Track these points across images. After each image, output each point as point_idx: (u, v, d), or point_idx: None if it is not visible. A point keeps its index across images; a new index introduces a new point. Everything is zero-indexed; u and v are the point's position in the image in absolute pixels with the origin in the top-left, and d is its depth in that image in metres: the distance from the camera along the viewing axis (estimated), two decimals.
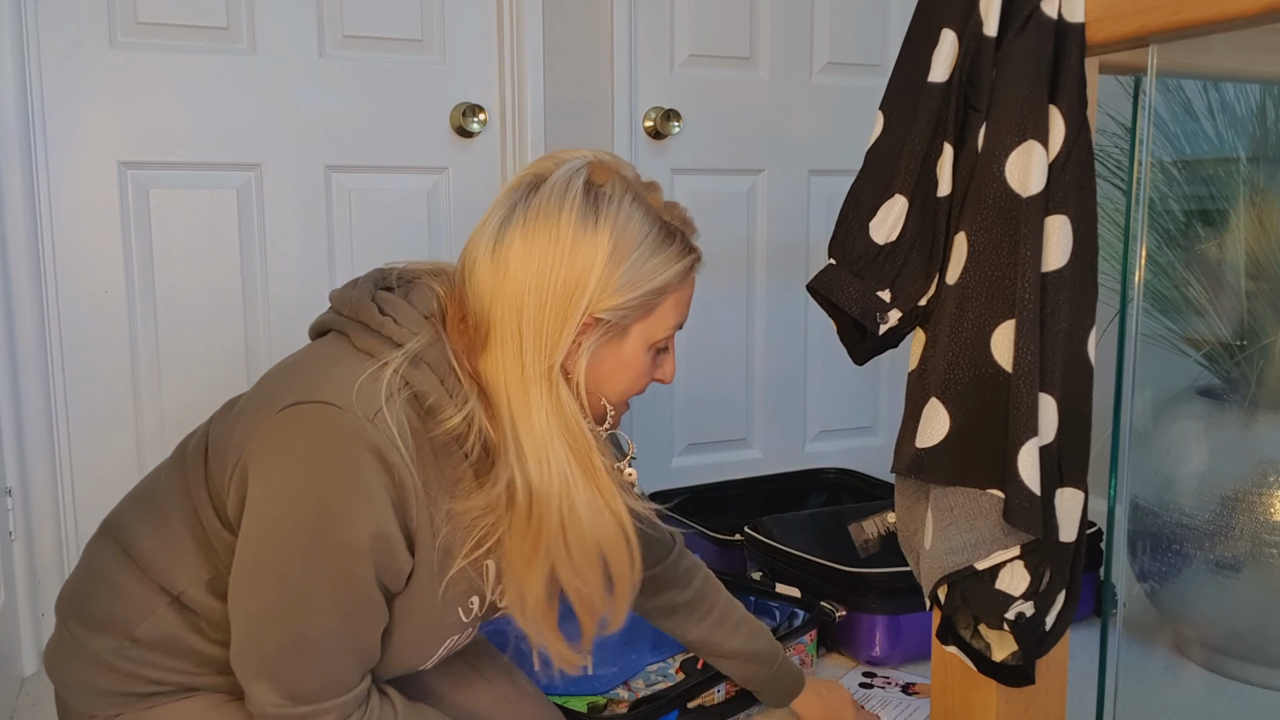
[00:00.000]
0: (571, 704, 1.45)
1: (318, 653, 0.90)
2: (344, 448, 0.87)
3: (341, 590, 0.89)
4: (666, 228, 0.97)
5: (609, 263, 0.92)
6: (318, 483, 0.87)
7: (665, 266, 0.97)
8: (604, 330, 0.94)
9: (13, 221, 1.73)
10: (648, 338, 0.98)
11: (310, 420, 0.88)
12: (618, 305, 0.93)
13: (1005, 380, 1.02)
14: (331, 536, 0.87)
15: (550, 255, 0.91)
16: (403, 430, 0.89)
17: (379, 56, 1.99)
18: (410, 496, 0.90)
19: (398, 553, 0.91)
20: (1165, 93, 1.77)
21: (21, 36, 1.72)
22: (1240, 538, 1.55)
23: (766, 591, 1.76)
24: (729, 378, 2.39)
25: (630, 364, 0.98)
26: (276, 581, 0.89)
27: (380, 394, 0.89)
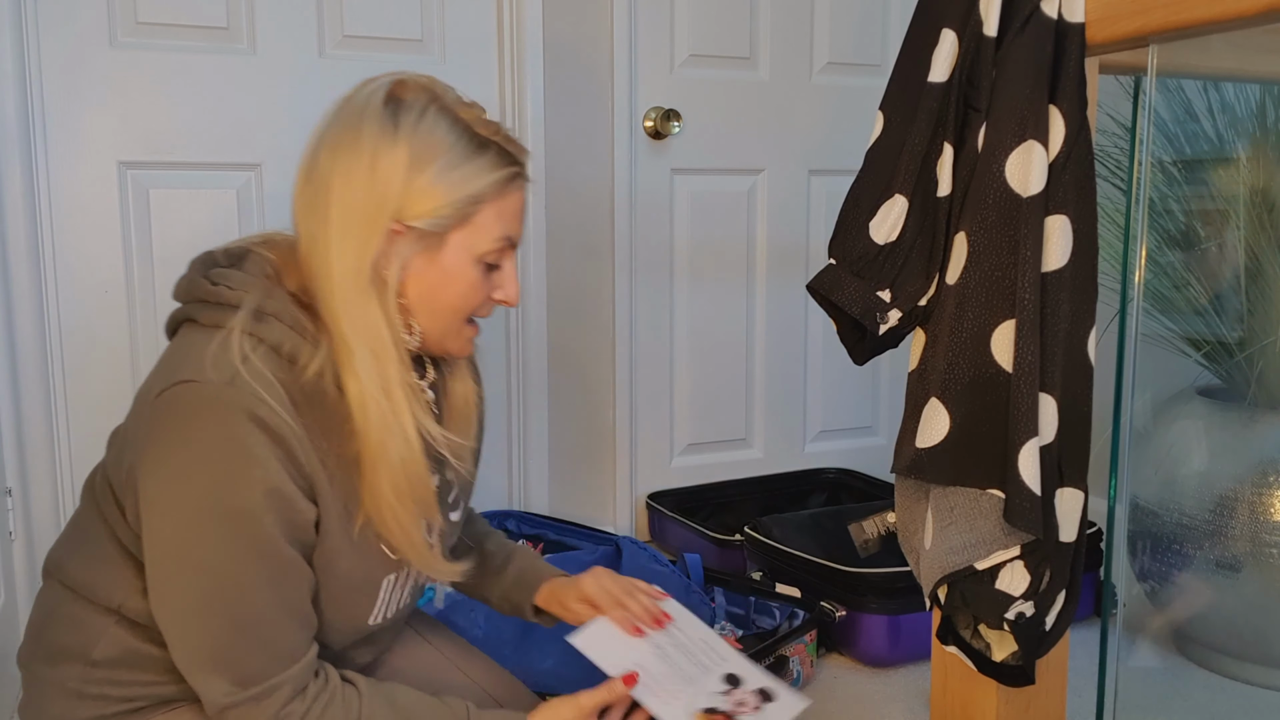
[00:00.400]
0: None
1: (254, 629, 0.90)
2: (212, 418, 0.87)
3: (257, 558, 0.89)
4: (478, 138, 0.96)
5: (410, 169, 0.92)
6: (197, 459, 0.87)
7: (478, 175, 0.95)
8: (417, 239, 0.94)
9: (13, 221, 1.73)
10: (469, 249, 0.96)
11: (175, 402, 0.88)
12: (427, 212, 0.93)
13: (1005, 380, 1.02)
14: (227, 507, 0.87)
15: (352, 165, 0.91)
16: (269, 385, 0.89)
17: (379, 56, 1.99)
18: (294, 445, 0.89)
19: (297, 504, 0.90)
20: (1165, 93, 1.77)
21: (21, 36, 1.72)
22: (1240, 538, 1.55)
23: (766, 591, 1.76)
24: (729, 378, 2.39)
25: (455, 276, 0.96)
26: (192, 570, 0.89)
27: (234, 357, 0.89)
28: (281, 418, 0.89)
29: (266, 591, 0.90)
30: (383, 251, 0.93)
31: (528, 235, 2.11)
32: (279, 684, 0.91)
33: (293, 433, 0.89)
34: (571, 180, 2.16)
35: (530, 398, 2.16)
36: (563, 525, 2.06)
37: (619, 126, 2.17)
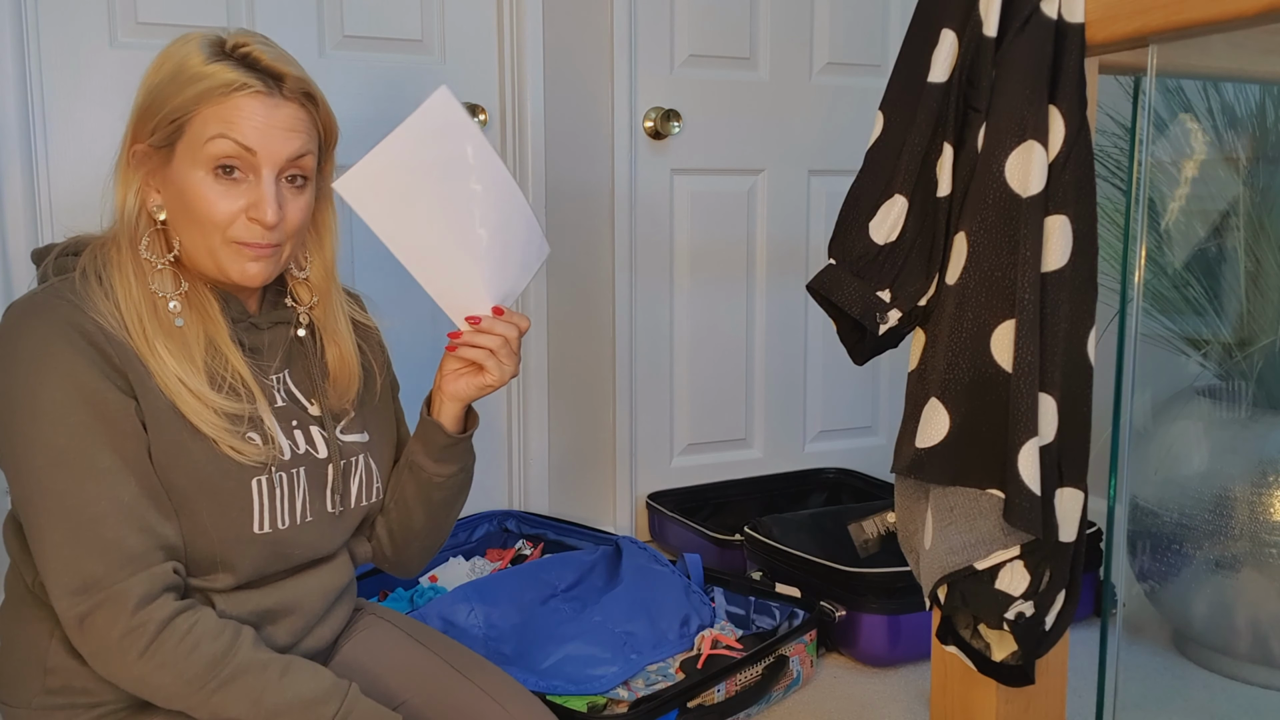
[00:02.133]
0: (571, 704, 1.45)
1: (90, 530, 0.90)
2: (22, 323, 0.93)
3: (76, 454, 0.91)
4: (219, 56, 0.98)
5: (142, 91, 0.98)
6: (9, 363, 0.92)
7: (193, 83, 0.96)
8: (155, 157, 0.99)
9: (13, 221, 1.73)
10: (193, 156, 0.97)
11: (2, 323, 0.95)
12: (154, 125, 0.97)
13: (1005, 380, 1.02)
14: (39, 405, 0.91)
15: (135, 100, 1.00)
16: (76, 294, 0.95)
17: (379, 56, 1.99)
18: (104, 342, 0.93)
19: (108, 396, 0.93)
20: (1165, 93, 1.77)
21: (21, 36, 1.72)
22: (1240, 538, 1.55)
23: (766, 591, 1.76)
24: (729, 378, 2.39)
25: (188, 187, 0.97)
26: (25, 478, 0.91)
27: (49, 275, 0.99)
28: (87, 316, 0.93)
29: (93, 488, 0.91)
30: (132, 167, 1.00)
31: None
32: (125, 589, 0.90)
33: (100, 329, 0.93)
34: (571, 180, 2.16)
35: (530, 398, 2.16)
36: (563, 525, 2.06)
37: (619, 126, 2.18)
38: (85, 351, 0.92)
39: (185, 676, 0.91)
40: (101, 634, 0.90)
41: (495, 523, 2.12)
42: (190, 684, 0.91)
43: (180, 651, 0.91)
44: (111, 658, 0.91)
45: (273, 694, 0.93)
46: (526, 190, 2.10)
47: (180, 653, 0.91)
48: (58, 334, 0.92)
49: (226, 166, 0.97)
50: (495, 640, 1.61)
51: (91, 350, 0.93)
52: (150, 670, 0.91)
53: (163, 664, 0.91)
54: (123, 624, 0.90)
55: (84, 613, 0.90)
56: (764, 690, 1.53)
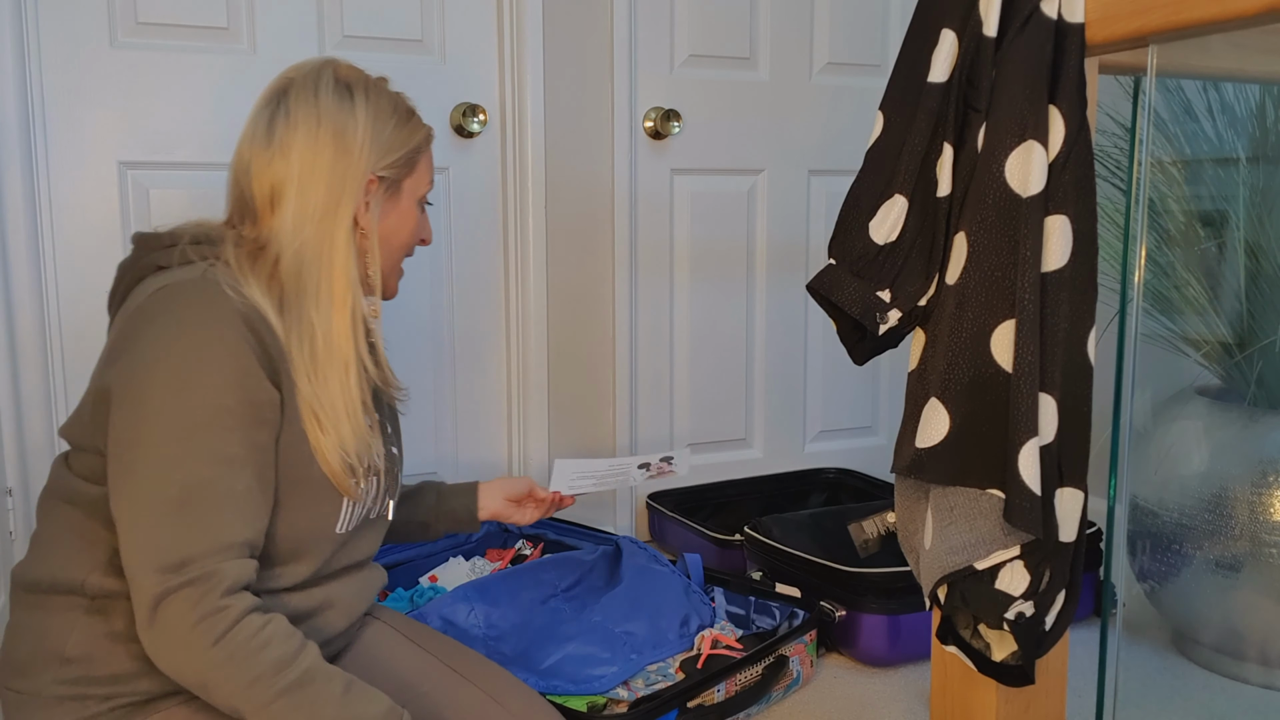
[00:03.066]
0: (571, 704, 1.45)
1: (196, 508, 0.91)
2: (184, 305, 0.96)
3: (209, 433, 0.92)
4: (404, 106, 1.15)
5: (372, 130, 1.09)
6: (165, 342, 0.94)
7: (415, 132, 1.14)
8: (384, 188, 1.11)
9: (13, 221, 1.73)
10: (415, 192, 1.16)
11: (151, 304, 0.97)
12: (391, 163, 1.11)
13: (1005, 380, 1.02)
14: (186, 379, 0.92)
15: (316, 132, 1.06)
16: (233, 280, 0.99)
17: (379, 56, 1.99)
18: (261, 328, 0.97)
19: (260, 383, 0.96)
20: (1165, 93, 1.77)
21: (21, 36, 1.72)
22: (1240, 538, 1.55)
23: (766, 591, 1.76)
24: (729, 378, 2.39)
25: (408, 217, 1.15)
26: (145, 445, 0.92)
27: (196, 263, 1.01)
28: (249, 303, 0.98)
29: (215, 472, 0.92)
30: (360, 200, 1.08)
31: (528, 234, 2.12)
32: (214, 572, 0.90)
33: (260, 317, 0.98)
34: (571, 180, 2.16)
35: (530, 398, 2.16)
36: (562, 525, 2.06)
37: (619, 126, 2.18)
38: (245, 336, 0.95)
39: (252, 674, 0.90)
40: (180, 615, 0.89)
41: (495, 523, 2.12)
42: (255, 683, 0.90)
43: (252, 646, 0.90)
44: (182, 642, 0.89)
45: (332, 707, 0.92)
46: (527, 190, 2.11)
47: (252, 648, 0.90)
48: (223, 315, 0.95)
49: (426, 202, 1.21)
50: (495, 640, 1.61)
51: (250, 335, 0.96)
52: (219, 660, 0.89)
53: (232, 656, 0.89)
54: (206, 606, 0.89)
55: (169, 589, 0.89)
56: (764, 690, 1.53)
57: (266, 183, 1.06)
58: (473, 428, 2.16)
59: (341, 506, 1.06)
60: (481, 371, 2.16)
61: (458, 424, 2.14)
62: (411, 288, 2.07)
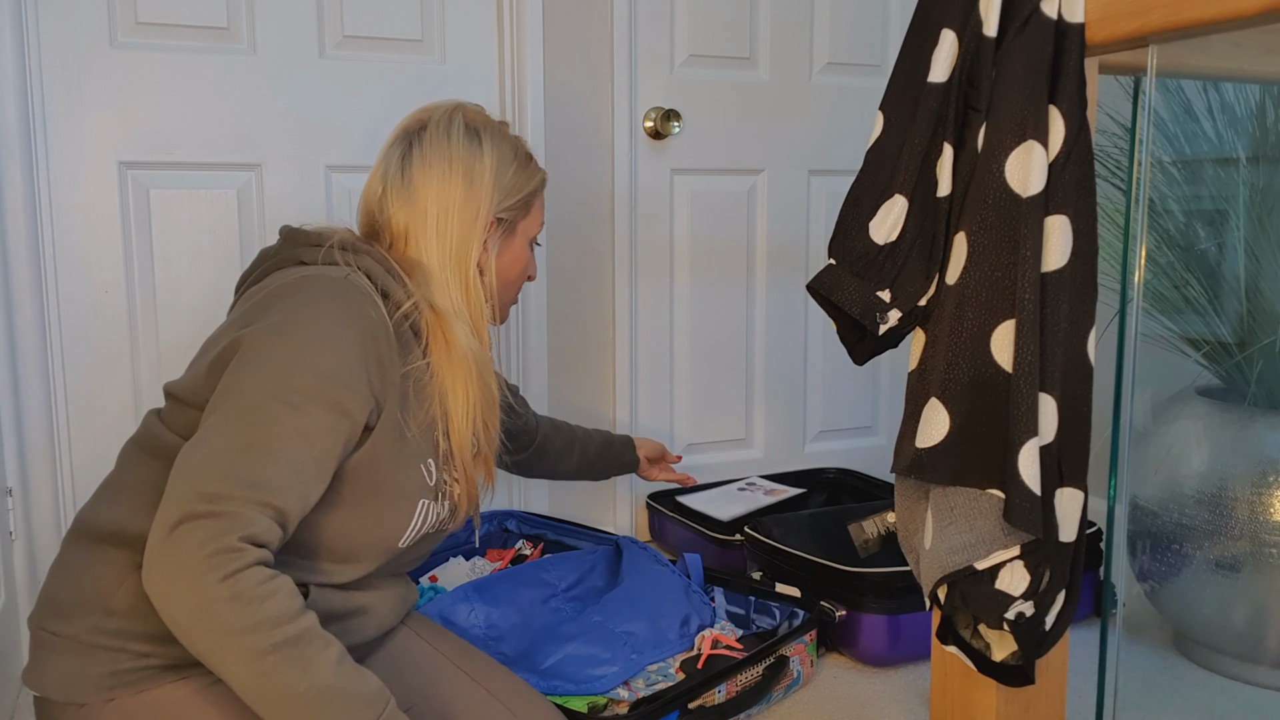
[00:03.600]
0: (571, 704, 1.45)
1: (255, 457, 0.92)
2: (331, 290, 1.02)
3: (300, 405, 0.95)
4: (523, 150, 1.23)
5: (496, 174, 1.17)
6: (308, 313, 1.00)
7: (532, 175, 1.22)
8: (502, 228, 1.20)
9: (13, 221, 1.73)
10: (528, 233, 1.25)
11: (300, 283, 1.03)
12: (509, 206, 1.19)
13: (1005, 380, 1.02)
14: (303, 350, 0.97)
15: (448, 174, 1.15)
16: (369, 289, 1.05)
17: (379, 56, 1.99)
18: (383, 341, 1.03)
19: (360, 386, 1.00)
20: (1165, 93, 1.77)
21: (21, 36, 1.72)
22: (1240, 538, 1.55)
23: (766, 591, 1.76)
24: (729, 378, 2.39)
25: (520, 256, 1.24)
26: (239, 395, 0.95)
27: (340, 265, 1.07)
28: (382, 315, 1.04)
29: (291, 431, 0.94)
30: (484, 241, 1.17)
31: None
32: (247, 515, 0.90)
33: (387, 331, 1.04)
34: (571, 180, 2.16)
35: (530, 397, 2.16)
36: (563, 525, 2.06)
37: (619, 126, 2.18)
38: (365, 344, 1.01)
39: (252, 619, 0.87)
40: (197, 542, 0.87)
41: (495, 522, 2.12)
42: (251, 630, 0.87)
43: (259, 593, 0.88)
44: (189, 568, 0.86)
45: (325, 672, 0.90)
46: None
47: (259, 594, 0.88)
48: (356, 316, 1.01)
49: (536, 242, 1.29)
50: (495, 640, 1.61)
51: (373, 347, 1.02)
52: (223, 597, 0.86)
53: (236, 595, 0.87)
54: (224, 542, 0.87)
55: (196, 513, 0.88)
56: (764, 690, 1.53)
57: (402, 218, 1.14)
58: None
59: (413, 520, 1.09)
60: None
61: None
62: None
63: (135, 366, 1.87)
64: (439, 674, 1.18)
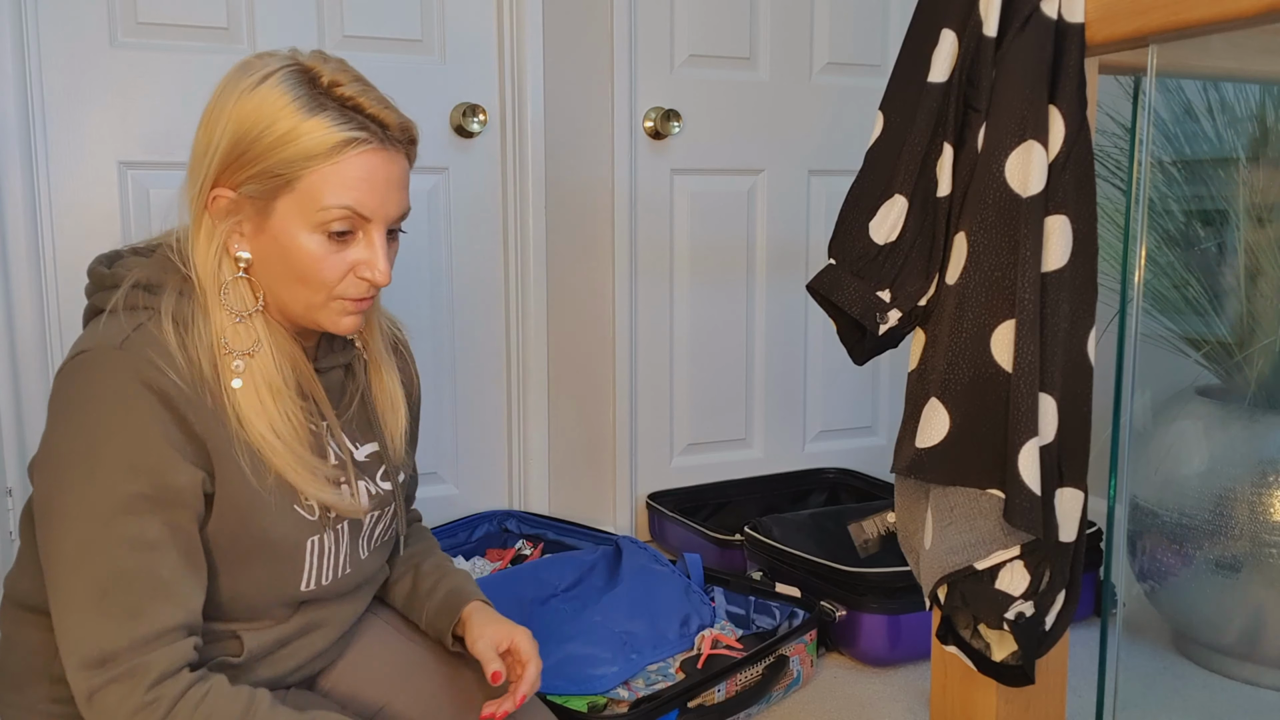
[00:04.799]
0: (571, 704, 1.45)
1: (116, 599, 0.86)
2: (99, 380, 0.87)
3: (122, 521, 0.87)
4: (321, 101, 0.91)
5: (234, 134, 0.92)
6: (77, 423, 0.87)
7: (303, 137, 0.90)
8: (247, 205, 0.93)
9: (13, 221, 1.73)
10: (303, 218, 0.92)
11: (69, 372, 0.89)
12: (245, 178, 0.92)
13: (1005, 380, 1.02)
14: (96, 468, 0.86)
15: (199, 131, 0.95)
16: (158, 346, 0.89)
17: (379, 56, 1.99)
18: (183, 406, 0.89)
19: (176, 469, 0.89)
20: (1165, 93, 1.77)
21: (21, 36, 1.72)
22: (1240, 538, 1.55)
23: (766, 591, 1.76)
24: (729, 378, 2.39)
25: (290, 246, 0.93)
26: (56, 540, 0.87)
27: (122, 323, 0.90)
28: (169, 379, 0.88)
29: (135, 561, 0.87)
30: (216, 214, 0.94)
31: (528, 234, 2.11)
32: (144, 665, 0.86)
33: (181, 393, 0.89)
34: (571, 180, 2.16)
35: (530, 398, 2.16)
36: (563, 525, 2.06)
37: (619, 126, 2.18)
38: (160, 417, 0.88)
39: None
40: (111, 711, 0.85)
41: (495, 523, 2.12)
42: None
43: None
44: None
45: None
46: (527, 190, 2.11)
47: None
48: (134, 394, 0.87)
49: (341, 232, 0.93)
50: None
51: (167, 415, 0.88)
52: None
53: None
54: (135, 700, 0.85)
55: (96, 687, 0.85)
56: (764, 690, 1.53)
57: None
58: (473, 428, 2.16)
59: (306, 564, 0.99)
60: (481, 371, 2.16)
61: (458, 424, 2.14)
62: (412, 288, 2.07)
63: None
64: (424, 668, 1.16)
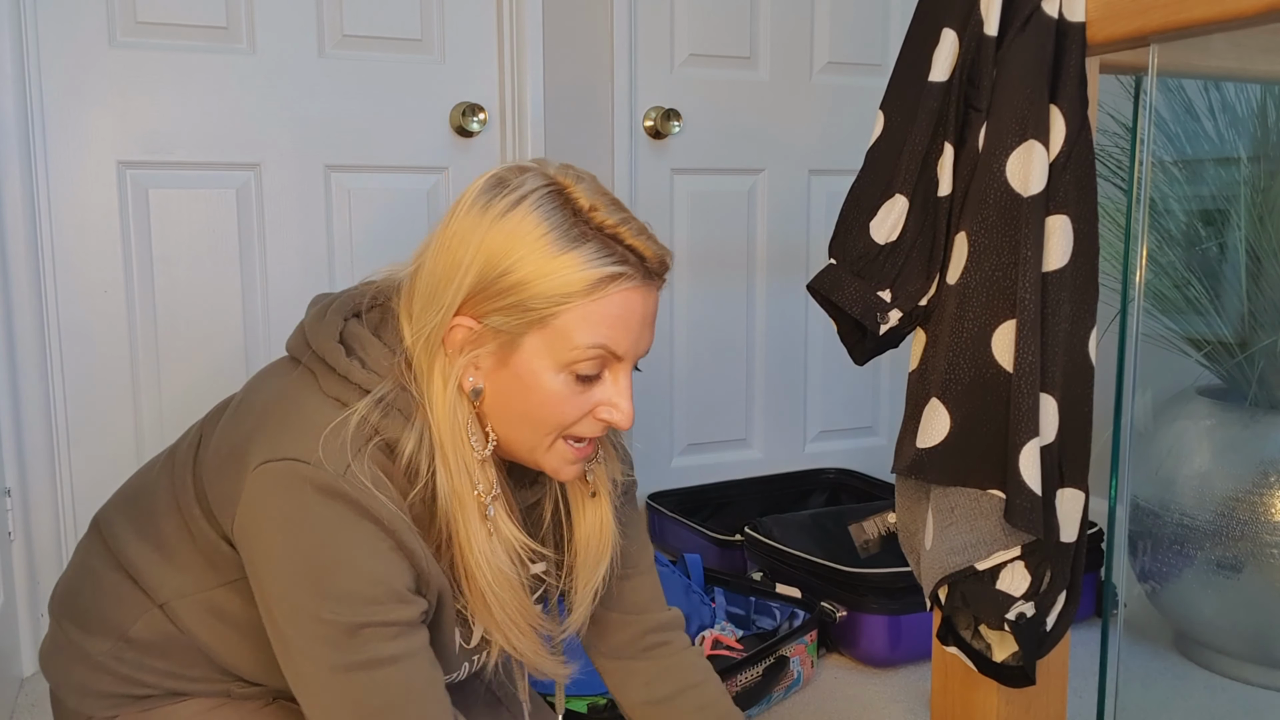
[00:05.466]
0: (571, 704, 1.45)
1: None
2: (322, 508, 0.82)
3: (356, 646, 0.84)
4: (581, 231, 0.84)
5: (486, 260, 0.83)
6: (300, 545, 0.83)
7: (562, 270, 0.83)
8: (490, 337, 0.86)
9: (13, 221, 1.73)
10: (550, 355, 0.85)
11: (280, 479, 0.83)
12: (494, 309, 0.84)
13: (1006, 380, 1.02)
14: (329, 590, 0.83)
15: (439, 250, 0.86)
16: (378, 480, 0.84)
17: (379, 56, 1.98)
18: (405, 533, 0.85)
19: (403, 599, 0.86)
20: (1165, 92, 1.77)
21: (21, 36, 1.72)
22: (1240, 538, 1.55)
23: (766, 591, 1.76)
24: (729, 378, 2.39)
25: (532, 385, 0.86)
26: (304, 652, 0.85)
27: (348, 446, 0.84)
28: (391, 510, 0.84)
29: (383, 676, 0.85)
30: (453, 345, 0.87)
31: None
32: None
33: (404, 523, 0.85)
34: None
35: None
36: None
37: (619, 126, 2.17)
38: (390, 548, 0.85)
39: None
40: None
41: None
42: None
43: None
44: None
45: None
46: None
47: None
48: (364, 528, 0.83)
49: (590, 374, 0.87)
50: None
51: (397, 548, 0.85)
52: None
53: None
54: None
55: None
56: (764, 691, 1.53)
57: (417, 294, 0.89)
58: None
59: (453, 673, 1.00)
60: None
61: None
62: None
63: (134, 366, 1.86)
64: None
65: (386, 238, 2.02)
